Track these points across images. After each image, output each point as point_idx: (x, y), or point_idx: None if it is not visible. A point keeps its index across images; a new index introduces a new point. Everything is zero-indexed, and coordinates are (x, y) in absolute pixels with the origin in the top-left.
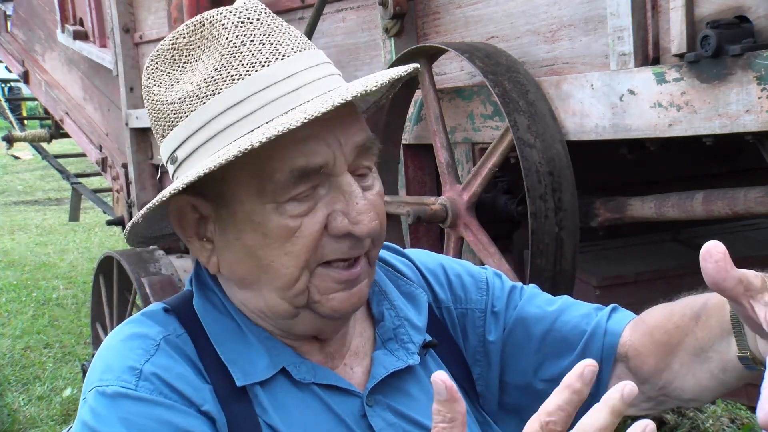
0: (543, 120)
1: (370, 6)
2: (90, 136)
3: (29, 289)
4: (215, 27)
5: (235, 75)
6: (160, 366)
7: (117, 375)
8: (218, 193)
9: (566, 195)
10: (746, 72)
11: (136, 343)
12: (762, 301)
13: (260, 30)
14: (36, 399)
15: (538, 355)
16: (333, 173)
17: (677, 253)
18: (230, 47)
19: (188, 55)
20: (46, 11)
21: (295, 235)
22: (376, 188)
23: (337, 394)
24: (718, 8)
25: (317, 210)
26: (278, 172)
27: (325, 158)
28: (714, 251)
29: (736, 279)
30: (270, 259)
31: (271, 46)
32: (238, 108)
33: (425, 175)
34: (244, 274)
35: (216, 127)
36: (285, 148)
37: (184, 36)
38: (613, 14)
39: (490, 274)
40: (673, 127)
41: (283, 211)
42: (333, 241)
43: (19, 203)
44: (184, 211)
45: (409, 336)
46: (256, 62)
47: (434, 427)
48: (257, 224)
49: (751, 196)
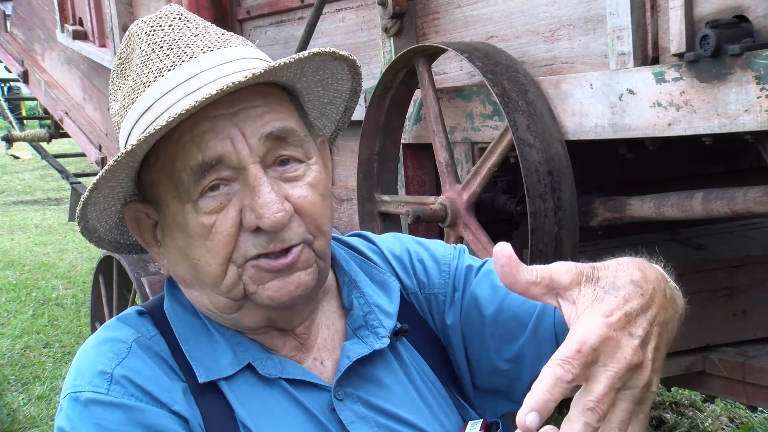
0: (542, 120)
1: (369, 6)
2: (89, 135)
3: (29, 289)
4: (133, 38)
5: (146, 82)
6: (131, 369)
7: (88, 380)
8: (153, 198)
9: (566, 194)
10: (745, 71)
11: (107, 347)
12: (570, 299)
13: (170, 36)
14: (36, 398)
15: (495, 336)
16: (240, 166)
17: (676, 252)
18: (143, 56)
19: (127, 68)
20: (46, 11)
21: (212, 232)
22: (308, 178)
23: (306, 388)
24: (717, 8)
25: (230, 206)
26: (182, 172)
27: (220, 150)
28: (500, 255)
29: (526, 282)
30: (197, 257)
31: (179, 50)
32: (148, 113)
33: (425, 175)
34: (183, 275)
35: (135, 133)
36: (184, 146)
37: (123, 50)
38: (613, 14)
39: (455, 256)
40: (672, 126)
41: (198, 210)
42: (252, 236)
43: (18, 203)
44: (140, 217)
45: (380, 321)
46: (163, 67)
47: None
48: (181, 225)
49: (750, 196)
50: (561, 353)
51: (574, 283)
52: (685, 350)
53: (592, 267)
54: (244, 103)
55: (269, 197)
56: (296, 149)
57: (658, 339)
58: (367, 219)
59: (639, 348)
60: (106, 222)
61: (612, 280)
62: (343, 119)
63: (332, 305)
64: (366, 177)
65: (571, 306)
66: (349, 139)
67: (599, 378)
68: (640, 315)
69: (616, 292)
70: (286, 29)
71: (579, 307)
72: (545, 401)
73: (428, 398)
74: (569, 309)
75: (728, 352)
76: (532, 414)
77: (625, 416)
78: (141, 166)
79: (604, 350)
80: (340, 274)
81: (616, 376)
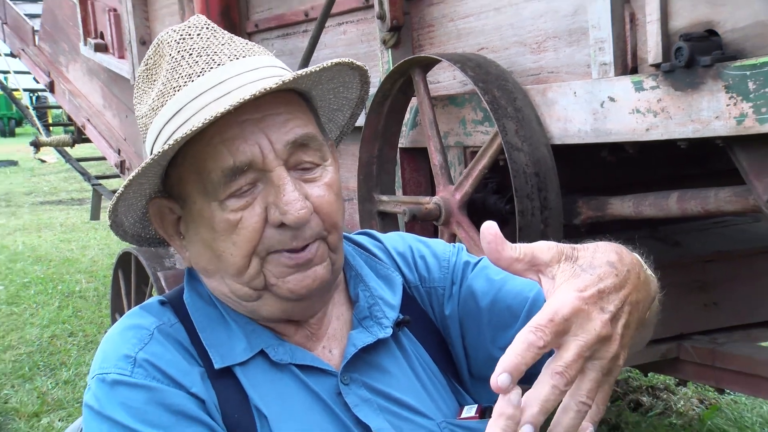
0: (530, 125)
1: (369, 20)
2: (109, 140)
3: (55, 283)
4: (162, 46)
5: (176, 86)
6: (153, 353)
7: (114, 363)
8: (179, 194)
9: (551, 195)
10: (716, 81)
11: (132, 333)
12: (549, 275)
13: (199, 44)
14: (62, 383)
15: (490, 326)
16: (266, 169)
17: (654, 248)
18: (173, 62)
19: (154, 73)
20: (70, 26)
21: (238, 227)
22: (325, 179)
23: (315, 373)
24: (690, 22)
25: (255, 204)
26: (213, 173)
27: (250, 156)
28: (486, 233)
29: (509, 258)
30: (221, 249)
31: (207, 57)
32: (178, 115)
33: (420, 177)
34: (206, 265)
35: (165, 134)
36: (215, 149)
37: (151, 57)
38: (595, 27)
39: (453, 253)
40: (650, 131)
41: (224, 207)
42: (276, 232)
43: (45, 203)
44: (163, 213)
45: (384, 312)
46: (193, 72)
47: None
48: (207, 220)
49: (722, 196)
50: (535, 321)
51: (554, 261)
52: (661, 338)
53: (572, 247)
54: (269, 110)
55: (293, 195)
56: (315, 153)
57: (628, 317)
58: (366, 218)
59: (609, 322)
60: (131, 216)
61: (590, 260)
62: (348, 125)
63: (340, 297)
64: (366, 178)
65: (550, 281)
66: (350, 144)
67: (569, 346)
68: (613, 293)
69: (592, 270)
70: (292, 41)
71: (557, 282)
72: (517, 364)
73: (427, 384)
74: (548, 284)
75: (700, 340)
76: (504, 375)
77: (593, 385)
78: (169, 164)
79: (575, 321)
80: (348, 269)
81: (585, 346)
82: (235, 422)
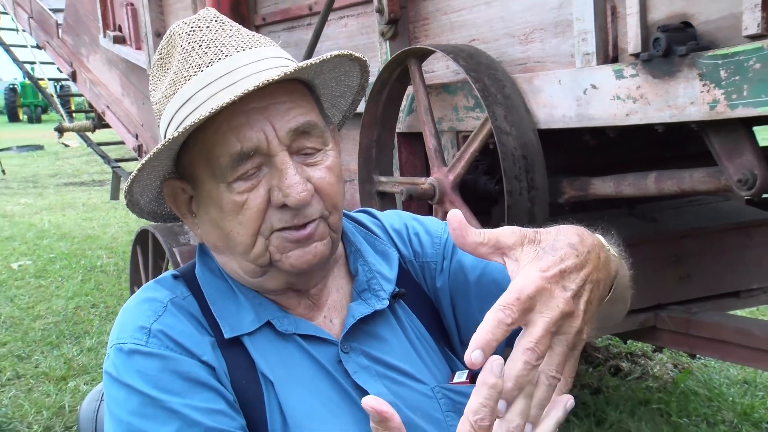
0: (517, 111)
1: (368, 13)
2: (127, 126)
3: (78, 258)
4: (174, 37)
5: (186, 76)
6: (167, 324)
7: (130, 334)
8: (191, 176)
9: (537, 175)
10: (691, 69)
11: (147, 305)
12: (513, 257)
13: (208, 36)
14: (86, 350)
15: (478, 297)
16: (270, 154)
17: (633, 225)
18: (184, 53)
19: (167, 63)
20: (90, 19)
21: (244, 208)
22: (326, 163)
23: (317, 342)
24: (667, 15)
25: (260, 186)
26: (221, 157)
27: (257, 142)
28: (452, 220)
29: (474, 243)
30: (229, 228)
31: (216, 48)
32: (189, 103)
33: (416, 159)
34: (216, 242)
35: (176, 120)
36: (224, 136)
37: (164, 47)
38: (579, 19)
39: (445, 230)
40: (629, 116)
41: (231, 189)
42: (278, 212)
43: (68, 184)
44: (176, 192)
45: (381, 285)
46: (202, 63)
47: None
48: (215, 200)
49: (696, 176)
50: (502, 300)
51: (518, 244)
52: (639, 309)
53: (535, 231)
54: (273, 99)
55: (295, 179)
56: (317, 139)
57: (590, 294)
58: (366, 197)
59: (571, 299)
60: (146, 195)
61: (552, 243)
62: (350, 110)
63: (341, 271)
64: (366, 161)
65: (514, 263)
66: (352, 129)
67: (536, 323)
68: (574, 272)
69: (554, 252)
70: (297, 34)
71: (521, 264)
72: (488, 341)
73: (422, 352)
74: (512, 265)
75: (675, 310)
76: (477, 351)
77: (561, 359)
78: (180, 149)
79: (539, 299)
80: (348, 245)
81: (551, 321)
82: (243, 388)
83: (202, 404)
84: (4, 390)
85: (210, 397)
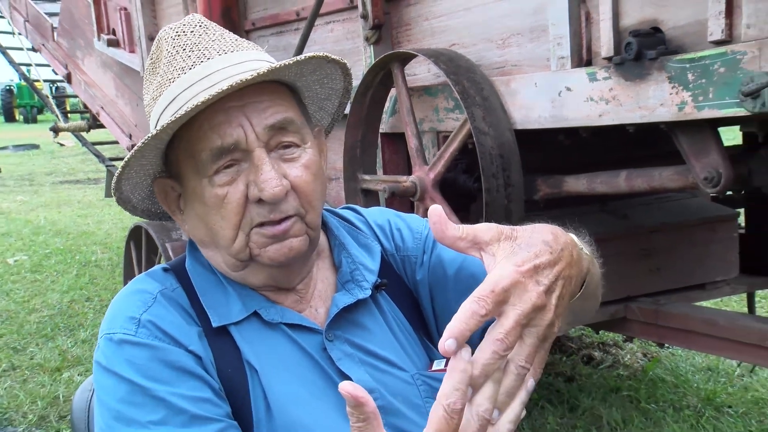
0: (495, 112)
1: (353, 19)
2: (121, 126)
3: (73, 253)
4: (161, 42)
5: (171, 78)
6: (156, 315)
7: (120, 324)
8: (178, 174)
9: (514, 174)
10: (660, 73)
11: (137, 297)
12: (490, 252)
13: (192, 40)
14: (80, 342)
15: (456, 290)
16: (248, 149)
17: (605, 221)
18: (169, 56)
19: (156, 66)
20: (85, 23)
21: (224, 202)
22: (303, 160)
23: (302, 331)
24: (638, 20)
25: (239, 181)
26: (203, 152)
27: (236, 137)
28: (432, 214)
29: (453, 237)
30: (212, 223)
31: (199, 52)
32: (173, 103)
33: (399, 158)
34: (202, 237)
35: (162, 120)
36: (205, 133)
37: (154, 52)
38: (554, 24)
39: (426, 226)
40: (602, 117)
41: (213, 183)
42: (256, 206)
43: (64, 182)
44: (167, 191)
45: (364, 276)
46: (185, 66)
47: (351, 427)
48: (199, 196)
49: (665, 174)
50: (477, 292)
51: (494, 239)
52: (611, 300)
53: (512, 228)
54: (252, 98)
55: (270, 174)
56: (294, 135)
57: (561, 289)
58: (351, 195)
59: (543, 293)
60: (138, 194)
61: (527, 240)
62: (337, 112)
63: (325, 264)
64: (351, 160)
65: (490, 258)
66: (337, 129)
67: (508, 315)
68: (547, 268)
69: (528, 248)
70: (285, 38)
71: (497, 258)
72: (462, 330)
73: (402, 340)
74: (489, 260)
75: (645, 302)
76: (451, 340)
77: (531, 350)
78: (168, 148)
79: (513, 292)
80: (332, 239)
81: (522, 314)
82: (228, 376)
83: (189, 392)
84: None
85: (196, 385)
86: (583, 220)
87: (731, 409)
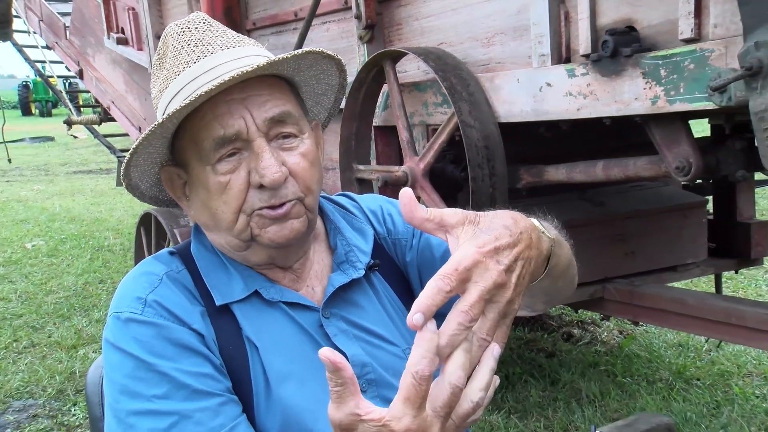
0: (480, 107)
1: (348, 19)
2: (131, 119)
3: (87, 238)
4: (167, 38)
5: (176, 71)
6: (161, 295)
7: (128, 304)
8: (183, 162)
9: (498, 164)
10: (635, 69)
11: (144, 278)
12: (455, 235)
13: (196, 36)
14: (94, 321)
15: None
16: (249, 139)
17: (583, 208)
18: (174, 51)
19: (163, 61)
20: (96, 22)
21: (227, 189)
22: (300, 149)
23: (300, 309)
24: (614, 20)
25: (241, 169)
26: (206, 141)
27: (238, 128)
28: (403, 196)
29: (421, 218)
30: (215, 208)
31: (203, 47)
32: (178, 95)
33: (391, 150)
34: (206, 221)
35: (168, 111)
36: (208, 122)
37: (160, 47)
38: (535, 24)
39: None
40: (580, 111)
41: (216, 171)
42: (257, 192)
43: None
44: (173, 178)
45: (358, 257)
46: (190, 60)
47: (330, 390)
48: (203, 182)
49: (639, 164)
50: (442, 271)
51: (459, 223)
52: (589, 282)
53: (476, 214)
54: (252, 91)
55: (270, 161)
56: (292, 126)
57: (521, 269)
58: (347, 184)
59: (504, 272)
60: (147, 181)
61: (489, 224)
62: (334, 107)
63: (321, 246)
64: (346, 151)
65: (455, 240)
66: (333, 123)
67: (471, 291)
68: (507, 249)
69: (489, 231)
70: (284, 37)
71: (461, 241)
72: (428, 305)
73: (394, 317)
74: (453, 242)
75: (620, 283)
76: (418, 314)
77: (492, 324)
78: (174, 138)
79: (475, 271)
80: (328, 223)
81: (484, 290)
82: (230, 353)
83: (191, 368)
84: (21, 357)
85: (198, 361)
86: (563, 207)
87: (699, 382)
